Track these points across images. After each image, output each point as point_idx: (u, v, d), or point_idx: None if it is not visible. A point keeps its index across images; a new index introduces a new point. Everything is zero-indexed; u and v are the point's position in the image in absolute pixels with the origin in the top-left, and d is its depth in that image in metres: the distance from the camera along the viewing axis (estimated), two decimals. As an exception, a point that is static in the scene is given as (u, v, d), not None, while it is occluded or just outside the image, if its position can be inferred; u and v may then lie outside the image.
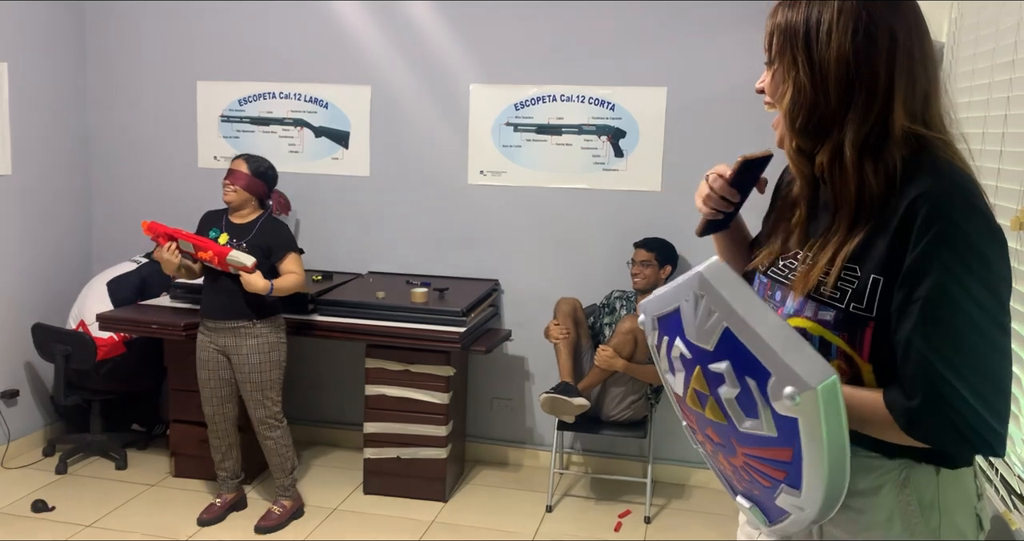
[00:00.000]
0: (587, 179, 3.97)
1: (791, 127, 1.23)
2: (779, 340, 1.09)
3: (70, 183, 4.34)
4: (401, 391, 3.64)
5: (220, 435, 3.47)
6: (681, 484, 3.99)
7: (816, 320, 1.21)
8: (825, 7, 1.17)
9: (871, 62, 1.16)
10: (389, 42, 4.06)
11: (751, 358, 1.11)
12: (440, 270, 4.15)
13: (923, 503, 1.19)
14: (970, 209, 1.11)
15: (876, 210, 1.16)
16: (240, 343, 3.33)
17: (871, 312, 1.16)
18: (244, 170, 3.37)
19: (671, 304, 1.24)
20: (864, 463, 1.21)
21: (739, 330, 1.13)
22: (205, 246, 3.22)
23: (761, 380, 1.11)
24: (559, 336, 3.63)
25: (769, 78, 1.27)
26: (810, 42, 1.18)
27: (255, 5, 4.16)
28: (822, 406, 1.05)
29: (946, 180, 1.12)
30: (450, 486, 3.80)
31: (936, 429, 1.11)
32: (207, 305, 3.36)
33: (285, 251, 3.38)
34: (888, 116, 1.16)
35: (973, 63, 2.32)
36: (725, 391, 1.17)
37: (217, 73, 4.27)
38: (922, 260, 1.10)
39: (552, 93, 3.95)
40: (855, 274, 1.18)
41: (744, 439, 1.18)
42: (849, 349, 1.19)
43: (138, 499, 3.65)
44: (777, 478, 1.17)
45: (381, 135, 4.15)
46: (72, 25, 4.28)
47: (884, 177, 1.16)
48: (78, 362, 3.79)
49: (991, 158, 2.10)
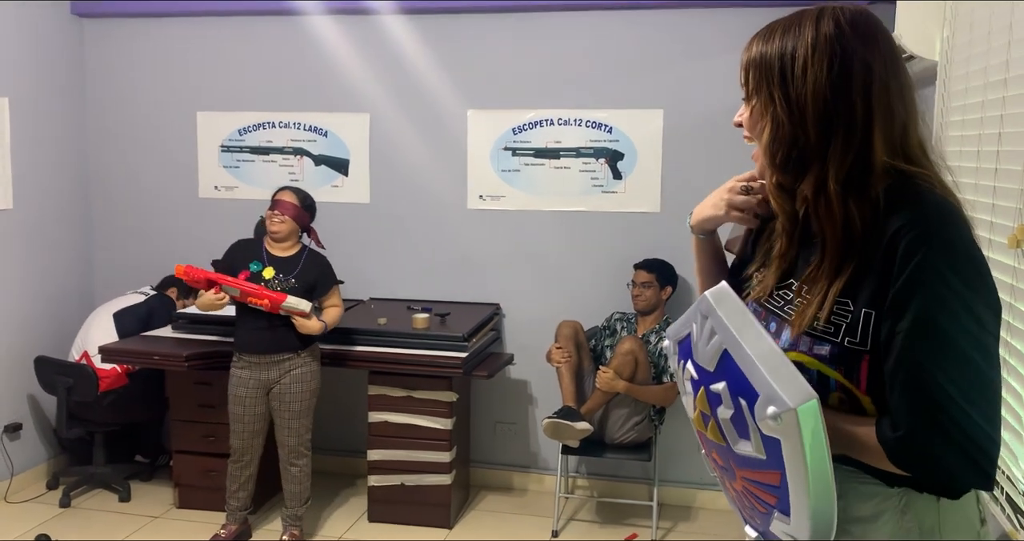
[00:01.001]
0: (586, 202, 3.98)
1: (771, 162, 1.23)
2: (769, 363, 1.11)
3: (71, 215, 4.36)
4: (404, 417, 3.63)
5: (243, 467, 3.46)
6: (687, 506, 3.97)
7: (812, 355, 1.20)
8: (799, 42, 1.17)
9: (848, 96, 1.15)
10: (386, 70, 4.09)
11: (744, 379, 1.13)
12: (441, 295, 4.15)
13: (923, 528, 1.18)
14: (949, 239, 1.10)
15: (862, 243, 1.17)
16: (284, 374, 3.34)
17: (865, 345, 1.16)
18: (292, 201, 3.35)
19: (686, 328, 1.28)
20: (864, 490, 1.20)
21: (735, 352, 1.15)
22: (257, 294, 3.20)
23: (751, 400, 1.12)
24: (561, 360, 3.63)
25: (748, 113, 1.26)
26: (786, 78, 1.18)
27: (253, 37, 4.20)
28: (802, 427, 1.06)
29: (926, 210, 1.12)
30: (455, 512, 3.78)
31: (920, 461, 1.11)
32: (249, 340, 3.33)
33: (329, 286, 3.43)
34: (868, 149, 1.16)
35: (966, 82, 2.34)
36: (722, 411, 1.19)
37: (217, 104, 4.30)
38: (903, 292, 1.10)
39: (549, 117, 3.97)
40: (848, 308, 1.18)
41: (740, 461, 1.19)
42: (847, 382, 1.18)
43: (142, 531, 3.63)
44: (770, 503, 1.17)
45: (380, 162, 4.17)
46: (71, 59, 4.33)
47: (868, 211, 1.16)
48: (80, 394, 3.78)
49: (987, 176, 2.10)
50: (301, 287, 3.30)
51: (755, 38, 1.25)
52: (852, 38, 1.16)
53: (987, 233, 2.05)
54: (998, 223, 2.00)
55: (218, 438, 3.64)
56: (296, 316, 3.25)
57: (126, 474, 4.06)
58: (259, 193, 4.23)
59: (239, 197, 4.31)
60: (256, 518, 3.72)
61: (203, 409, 3.71)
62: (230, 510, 3.50)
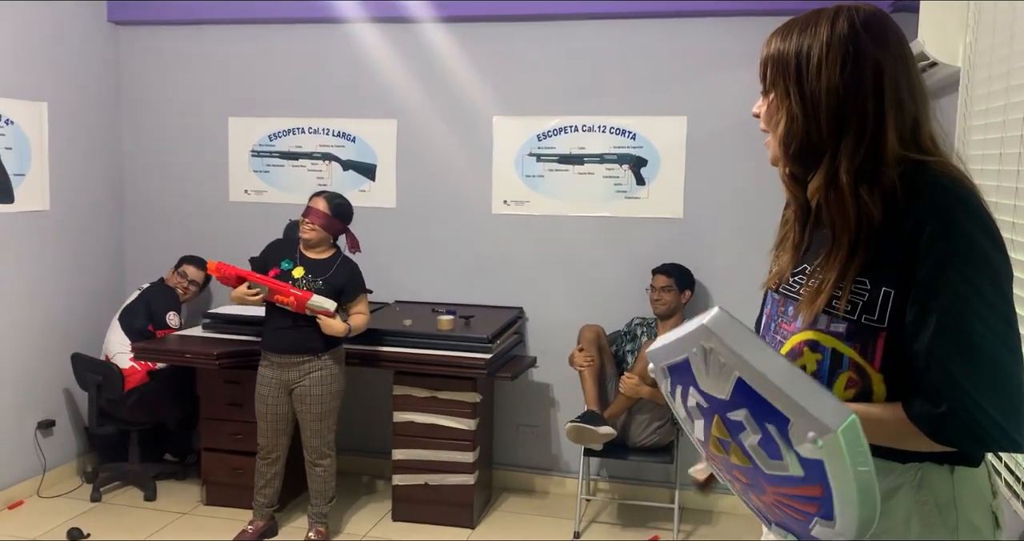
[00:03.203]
0: (609, 207, 4.03)
1: (785, 153, 1.29)
2: (792, 385, 1.11)
3: (106, 217, 4.47)
4: (428, 417, 3.68)
5: (270, 464, 3.52)
6: (709, 510, 3.98)
7: (828, 332, 1.26)
8: (815, 41, 1.24)
9: (860, 93, 1.22)
10: (414, 77, 4.17)
11: (767, 405, 1.13)
12: (465, 298, 4.21)
13: (939, 502, 1.22)
14: (975, 220, 1.17)
15: (877, 230, 1.22)
16: (306, 376, 3.40)
17: (883, 323, 1.21)
18: (323, 209, 3.38)
19: (679, 354, 1.25)
20: (880, 466, 1.23)
21: (751, 379, 1.14)
22: (283, 291, 3.26)
23: (781, 425, 1.13)
24: (584, 363, 3.66)
25: (765, 105, 1.33)
26: (801, 75, 1.24)
27: (284, 44, 4.30)
28: (845, 446, 1.07)
29: (948, 194, 1.18)
30: (478, 513, 3.82)
31: (962, 433, 1.15)
32: (275, 340, 3.40)
33: (357, 293, 3.47)
34: (880, 143, 1.22)
35: (988, 86, 2.37)
36: (747, 437, 1.19)
37: (248, 109, 4.40)
38: (935, 273, 1.16)
39: (574, 124, 4.03)
40: (865, 287, 1.22)
41: (772, 480, 1.19)
42: (861, 360, 1.23)
43: (171, 526, 3.70)
44: (810, 512, 1.18)
45: (407, 167, 4.25)
46: (107, 65, 4.44)
47: (881, 199, 1.21)
48: (108, 391, 3.87)
49: (1009, 178, 2.14)
50: (328, 290, 3.35)
51: (774, 35, 1.31)
52: (865, 38, 1.22)
53: (1009, 233, 2.08)
54: (1019, 223, 2.03)
55: (246, 436, 3.70)
56: (321, 315, 3.31)
57: (155, 473, 4.12)
58: (288, 197, 4.31)
59: (268, 201, 4.39)
60: (282, 515, 3.78)
61: (232, 407, 3.78)
62: (257, 506, 3.56)
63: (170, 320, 4.05)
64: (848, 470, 1.08)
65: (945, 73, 2.75)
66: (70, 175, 4.21)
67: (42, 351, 4.07)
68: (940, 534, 1.21)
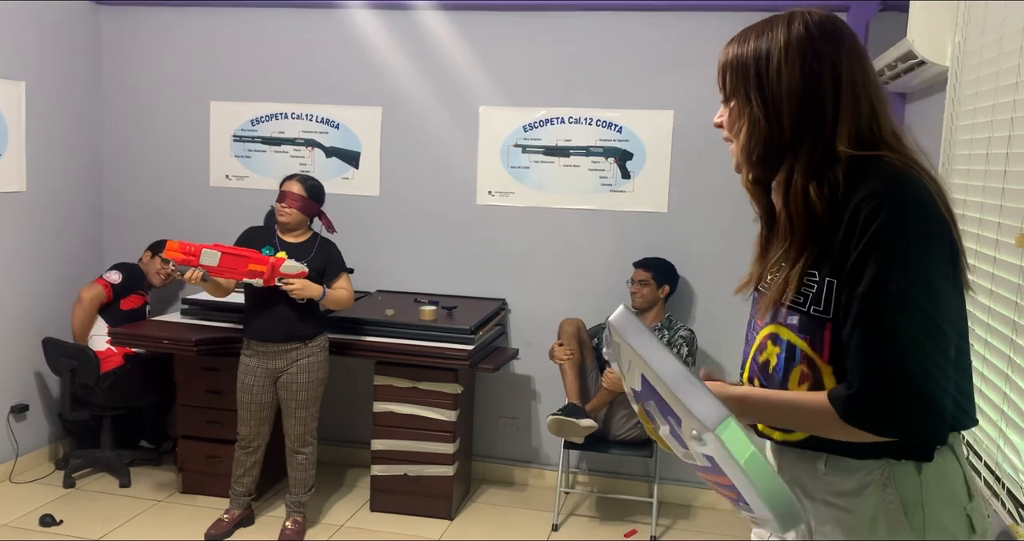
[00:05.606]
0: (594, 200, 4.01)
1: (748, 160, 1.31)
2: (679, 385, 1.15)
3: (83, 200, 4.40)
4: (409, 408, 3.66)
5: (250, 453, 3.49)
6: (687, 505, 4.00)
7: (786, 325, 1.29)
8: (772, 44, 1.26)
9: (819, 93, 1.24)
10: (400, 64, 4.13)
11: (664, 402, 1.18)
12: (448, 289, 4.18)
13: (907, 502, 1.22)
14: (906, 203, 1.17)
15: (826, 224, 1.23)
16: (291, 364, 3.37)
17: (828, 314, 1.22)
18: (299, 191, 3.36)
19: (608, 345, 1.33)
20: (848, 464, 1.25)
21: (648, 375, 1.19)
22: (255, 257, 3.20)
23: (676, 421, 1.17)
24: (564, 357, 3.65)
25: (726, 114, 1.34)
26: (761, 79, 1.26)
27: (268, 27, 4.24)
28: (727, 444, 1.10)
29: (886, 180, 1.19)
30: (456, 504, 3.81)
31: (869, 415, 1.16)
32: (259, 328, 3.36)
33: (339, 271, 3.45)
34: (832, 140, 1.24)
35: (977, 86, 2.37)
36: (660, 427, 1.24)
37: (230, 94, 4.34)
38: (861, 258, 1.17)
39: (560, 115, 4.01)
40: (815, 278, 1.25)
41: (695, 467, 1.23)
42: (811, 352, 1.25)
43: (145, 514, 3.66)
44: (732, 498, 1.22)
45: (391, 156, 4.21)
46: (88, 45, 4.36)
47: (829, 194, 1.23)
48: (82, 376, 3.82)
49: (995, 178, 2.14)
50: (311, 272, 3.32)
51: (730, 43, 1.32)
52: (821, 39, 1.25)
53: (995, 234, 2.09)
54: (1005, 224, 2.04)
55: (223, 424, 3.67)
56: (293, 279, 3.23)
57: (129, 460, 4.08)
58: (269, 183, 4.25)
59: (250, 187, 4.35)
60: (260, 504, 3.75)
61: (210, 395, 3.74)
62: (234, 495, 3.53)
63: (108, 275, 3.99)
64: (738, 464, 1.10)
65: (933, 72, 2.75)
66: (48, 156, 4.14)
67: (16, 334, 4.00)
68: (906, 535, 1.22)
